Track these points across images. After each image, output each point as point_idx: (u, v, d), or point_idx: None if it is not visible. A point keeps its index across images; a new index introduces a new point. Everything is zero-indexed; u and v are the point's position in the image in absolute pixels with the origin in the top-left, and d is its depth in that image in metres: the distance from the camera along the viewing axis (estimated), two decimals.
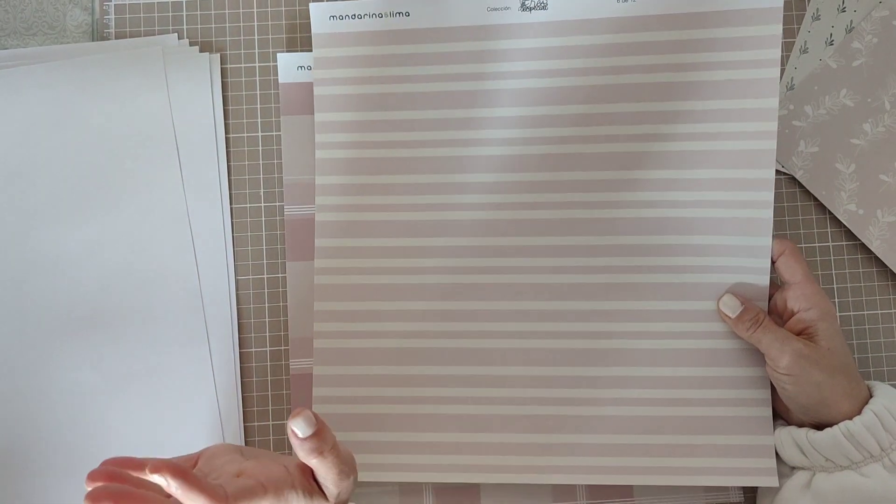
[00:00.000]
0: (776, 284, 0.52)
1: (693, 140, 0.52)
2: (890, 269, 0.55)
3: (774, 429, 0.51)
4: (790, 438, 0.49)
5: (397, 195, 0.54)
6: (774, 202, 0.56)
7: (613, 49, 0.52)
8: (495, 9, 0.53)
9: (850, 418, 0.47)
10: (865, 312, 0.56)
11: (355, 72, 0.54)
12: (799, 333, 0.49)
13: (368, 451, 0.52)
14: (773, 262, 0.51)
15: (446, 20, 0.53)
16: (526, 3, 0.53)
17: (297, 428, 0.40)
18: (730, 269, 0.52)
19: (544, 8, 0.52)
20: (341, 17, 0.54)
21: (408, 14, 0.54)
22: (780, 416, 0.52)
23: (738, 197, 0.51)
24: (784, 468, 0.50)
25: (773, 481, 0.50)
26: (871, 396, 0.48)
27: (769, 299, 0.52)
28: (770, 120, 0.51)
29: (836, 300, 0.56)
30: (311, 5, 0.55)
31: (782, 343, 0.48)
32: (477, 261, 0.53)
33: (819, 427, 0.48)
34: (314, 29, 0.54)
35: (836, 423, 0.47)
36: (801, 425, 0.49)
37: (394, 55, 0.54)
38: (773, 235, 0.51)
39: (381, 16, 0.54)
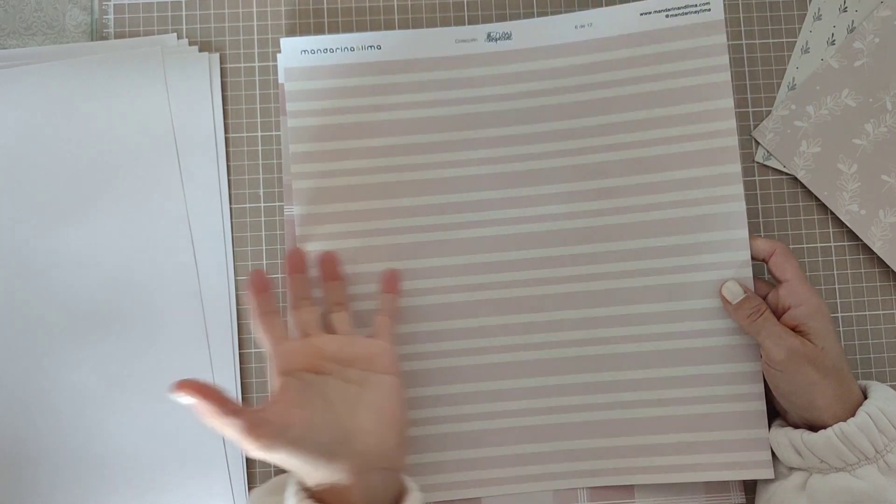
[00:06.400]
0: (770, 284, 0.52)
1: (661, 144, 0.53)
2: (892, 270, 0.55)
3: (772, 429, 0.51)
4: (786, 439, 0.49)
5: (377, 220, 0.54)
6: (776, 202, 0.56)
7: (576, 69, 0.54)
8: (463, 40, 0.55)
9: (840, 420, 0.46)
10: (867, 313, 0.56)
11: (329, 103, 0.54)
12: (792, 330, 0.49)
13: None
14: (765, 262, 0.51)
15: (416, 52, 0.54)
16: (491, 34, 0.54)
17: None
18: (712, 266, 0.52)
19: (509, 38, 0.54)
20: (313, 52, 0.55)
21: (379, 47, 0.54)
22: (780, 416, 0.52)
23: (709, 193, 0.53)
24: (782, 468, 0.50)
25: (768, 473, 0.51)
26: (865, 398, 0.48)
27: (764, 299, 0.51)
28: (728, 119, 0.53)
29: (838, 300, 0.56)
30: (283, 40, 0.55)
31: (779, 337, 0.48)
32: (462, 279, 0.54)
33: (813, 428, 0.48)
34: (285, 63, 0.55)
35: (828, 425, 0.47)
36: (797, 426, 0.49)
37: (367, 86, 0.54)
38: (764, 235, 0.51)
39: (352, 49, 0.54)
